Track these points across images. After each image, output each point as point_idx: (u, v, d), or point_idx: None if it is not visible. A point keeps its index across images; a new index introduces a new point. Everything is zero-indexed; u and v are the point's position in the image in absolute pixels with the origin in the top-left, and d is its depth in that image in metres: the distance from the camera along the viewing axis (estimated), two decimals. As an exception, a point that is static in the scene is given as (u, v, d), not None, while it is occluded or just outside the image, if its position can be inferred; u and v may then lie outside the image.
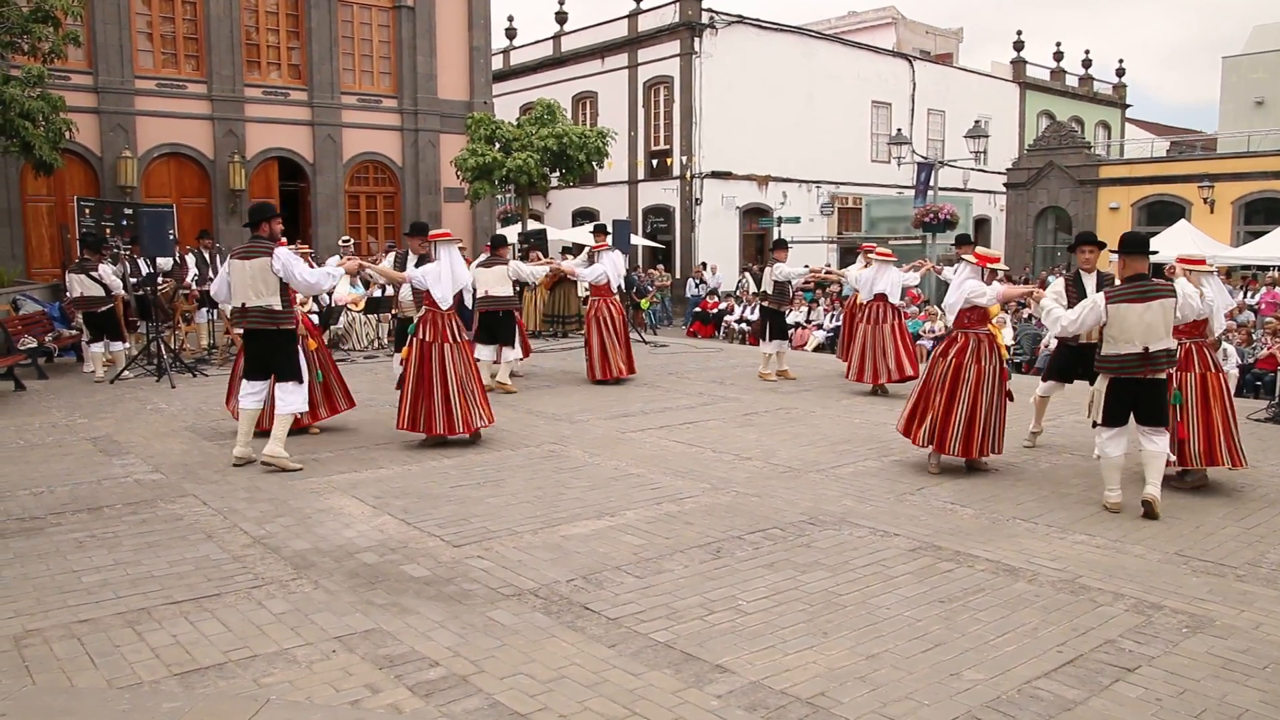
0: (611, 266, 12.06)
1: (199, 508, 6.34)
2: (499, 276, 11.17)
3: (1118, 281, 6.47)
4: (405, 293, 9.59)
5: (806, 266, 13.47)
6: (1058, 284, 7.79)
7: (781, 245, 12.58)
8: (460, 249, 9.12)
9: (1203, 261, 7.04)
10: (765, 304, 12.56)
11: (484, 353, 11.03)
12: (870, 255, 11.70)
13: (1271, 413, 9.84)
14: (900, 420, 7.65)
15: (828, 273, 14.41)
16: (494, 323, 11.17)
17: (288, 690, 3.77)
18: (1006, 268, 7.75)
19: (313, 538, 5.71)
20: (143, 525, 5.92)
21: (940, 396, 7.26)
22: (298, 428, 8.17)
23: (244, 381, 7.63)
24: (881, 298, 11.27)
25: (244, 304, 7.36)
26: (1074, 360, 7.81)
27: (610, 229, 13.13)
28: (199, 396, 10.83)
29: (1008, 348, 15.44)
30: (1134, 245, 6.36)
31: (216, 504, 6.41)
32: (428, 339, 8.08)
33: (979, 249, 7.92)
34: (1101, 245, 7.87)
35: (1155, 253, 6.63)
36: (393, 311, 11.45)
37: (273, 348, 7.44)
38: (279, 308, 7.36)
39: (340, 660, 4.05)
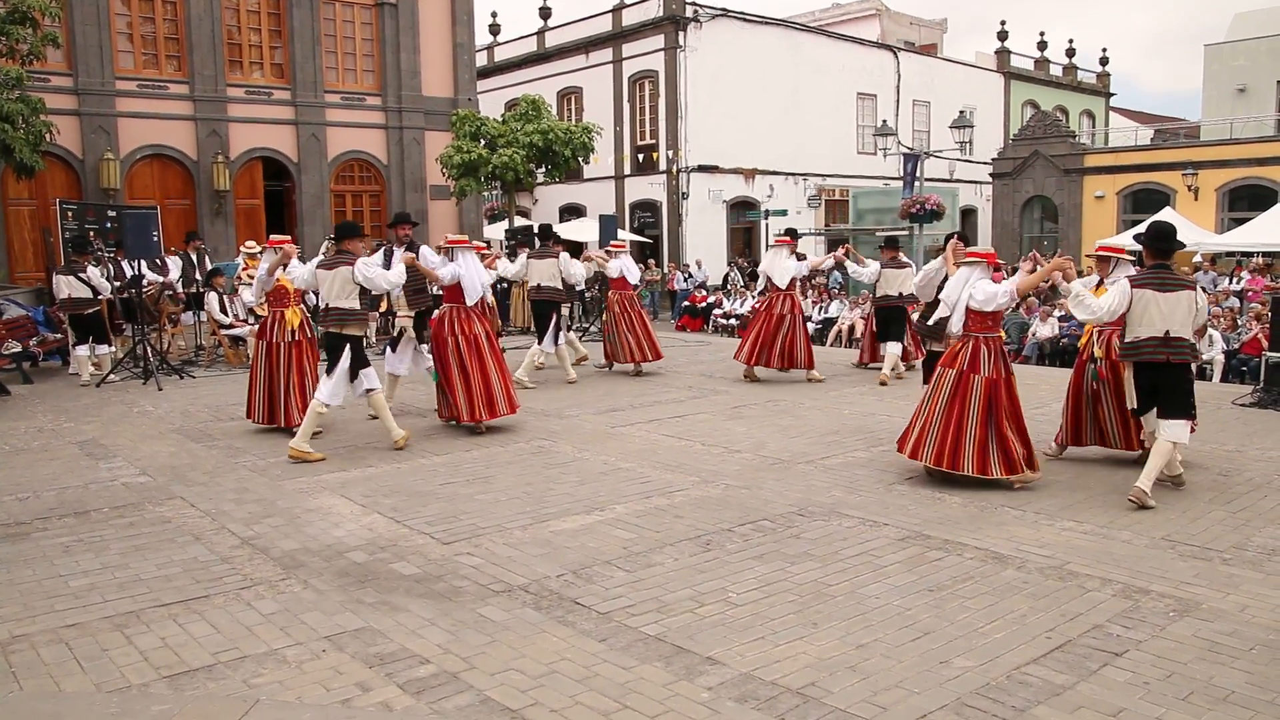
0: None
1: (187, 510, 6.31)
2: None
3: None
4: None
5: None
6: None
7: (894, 244, 12.14)
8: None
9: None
10: (888, 307, 11.78)
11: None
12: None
13: (1256, 397, 9.89)
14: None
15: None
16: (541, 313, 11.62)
17: (278, 690, 3.77)
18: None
19: (302, 537, 5.69)
20: (130, 529, 5.89)
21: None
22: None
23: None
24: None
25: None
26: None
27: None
28: (186, 398, 10.78)
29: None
30: (1160, 238, 6.50)
31: (204, 506, 6.39)
32: None
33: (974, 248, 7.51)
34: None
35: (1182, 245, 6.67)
36: (380, 310, 11.34)
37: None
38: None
39: (330, 659, 4.04)
